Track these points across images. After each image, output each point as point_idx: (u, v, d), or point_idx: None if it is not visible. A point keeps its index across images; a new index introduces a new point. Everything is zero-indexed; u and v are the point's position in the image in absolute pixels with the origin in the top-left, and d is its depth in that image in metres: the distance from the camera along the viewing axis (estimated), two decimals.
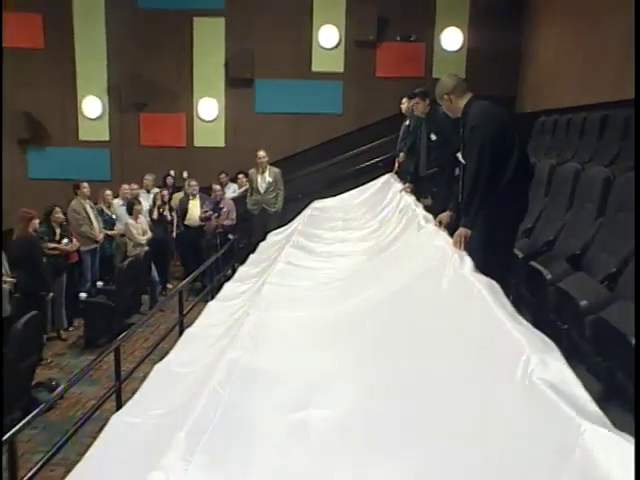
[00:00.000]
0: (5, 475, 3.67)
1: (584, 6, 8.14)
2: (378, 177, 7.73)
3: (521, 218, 4.23)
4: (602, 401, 2.09)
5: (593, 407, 1.93)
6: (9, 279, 6.65)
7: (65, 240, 8.31)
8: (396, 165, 7.71)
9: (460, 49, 11.59)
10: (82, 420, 4.82)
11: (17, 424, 3.68)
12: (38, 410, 4.02)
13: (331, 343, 3.46)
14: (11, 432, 3.58)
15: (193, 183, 10.30)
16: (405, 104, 7.81)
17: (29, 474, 3.94)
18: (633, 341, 2.94)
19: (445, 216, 4.44)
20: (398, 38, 11.65)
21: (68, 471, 5.12)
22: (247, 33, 11.74)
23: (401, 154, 7.42)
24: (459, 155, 4.10)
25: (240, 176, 10.68)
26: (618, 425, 1.78)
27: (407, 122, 7.57)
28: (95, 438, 5.55)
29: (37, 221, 7.63)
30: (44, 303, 7.51)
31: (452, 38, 11.59)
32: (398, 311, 3.46)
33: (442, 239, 3.98)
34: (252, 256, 6.82)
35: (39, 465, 4.08)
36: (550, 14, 9.70)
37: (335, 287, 4.44)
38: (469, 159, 3.90)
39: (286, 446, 2.55)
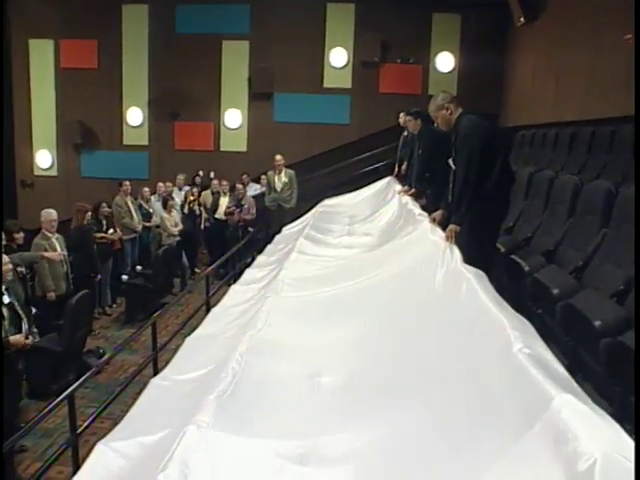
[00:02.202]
0: (67, 423, 3.77)
1: (555, 36, 8.14)
2: (380, 179, 7.72)
3: (503, 217, 4.25)
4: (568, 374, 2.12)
5: (565, 375, 1.97)
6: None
7: (111, 230, 8.39)
8: (396, 169, 7.72)
9: (452, 71, 11.55)
10: (125, 383, 4.89)
11: (73, 383, 3.76)
12: (89, 373, 4.10)
13: (338, 318, 3.49)
14: (70, 389, 3.67)
15: (225, 183, 10.32)
16: (402, 118, 7.82)
17: (85, 424, 4.05)
18: (596, 324, 2.98)
19: (438, 214, 4.45)
20: (399, 60, 11.62)
21: (115, 424, 5.23)
22: (268, 54, 11.74)
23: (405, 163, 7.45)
24: (450, 161, 4.11)
25: (262, 177, 10.70)
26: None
27: (405, 133, 7.59)
28: (136, 399, 5.66)
29: (90, 214, 7.71)
30: (93, 283, 7.60)
31: (445, 61, 11.56)
32: (397, 291, 3.49)
33: (436, 234, 4.01)
34: (269, 246, 6.83)
35: (92, 418, 4.18)
36: (527, 43, 9.68)
37: (342, 272, 4.46)
38: (459, 165, 3.92)
39: (302, 404, 2.59)
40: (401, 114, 7.85)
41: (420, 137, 6.17)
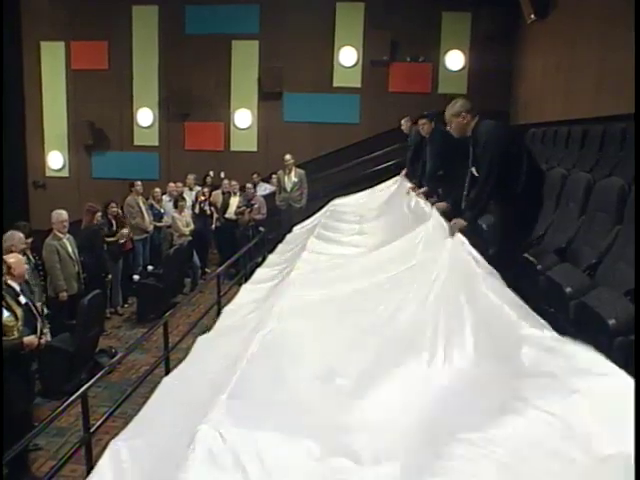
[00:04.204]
0: (80, 422, 3.79)
1: (566, 33, 8.09)
2: (390, 178, 7.69)
3: (536, 218, 4.20)
4: None
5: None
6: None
7: (125, 230, 8.40)
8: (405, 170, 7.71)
9: (462, 69, 11.52)
10: (137, 382, 4.91)
11: (85, 383, 3.78)
12: (102, 372, 4.12)
13: (350, 317, 3.48)
14: (83, 389, 3.70)
15: (234, 183, 10.34)
16: (404, 125, 7.85)
17: (98, 423, 4.07)
18: (610, 322, 2.96)
19: (442, 205, 4.56)
20: (408, 59, 11.60)
21: (127, 423, 5.25)
22: (277, 54, 11.77)
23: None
24: (473, 170, 4.10)
25: (273, 176, 10.72)
26: None
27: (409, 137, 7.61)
28: (147, 398, 5.68)
29: (100, 214, 7.75)
30: (105, 283, 7.64)
31: (455, 59, 11.53)
32: (408, 288, 3.48)
33: (445, 231, 4.01)
34: (280, 246, 6.82)
35: (105, 417, 4.20)
36: (538, 41, 9.63)
37: (354, 270, 4.45)
38: (480, 170, 3.92)
39: (314, 404, 2.58)
40: (403, 120, 7.88)
41: (432, 138, 6.16)
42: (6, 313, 4.24)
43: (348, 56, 11.78)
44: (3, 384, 4.10)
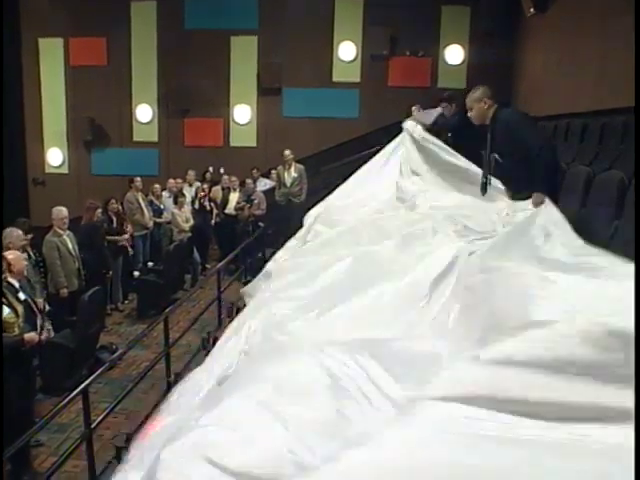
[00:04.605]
0: (80, 418, 3.80)
1: (566, 26, 8.07)
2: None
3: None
4: None
5: None
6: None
7: (129, 227, 8.43)
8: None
9: (461, 63, 11.50)
10: (137, 378, 4.93)
11: (86, 379, 3.80)
12: (102, 368, 4.13)
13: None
14: (84, 384, 3.71)
15: (234, 179, 10.33)
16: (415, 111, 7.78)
17: (99, 419, 4.10)
18: None
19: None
20: (408, 53, 11.58)
21: (127, 418, 5.29)
22: (276, 49, 11.74)
23: None
24: (495, 155, 4.12)
25: (272, 172, 10.70)
26: None
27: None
28: (148, 394, 5.71)
29: (100, 210, 7.74)
30: (105, 280, 7.65)
31: (455, 54, 11.51)
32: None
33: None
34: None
35: (106, 413, 4.22)
36: (538, 34, 9.61)
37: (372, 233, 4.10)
38: (526, 149, 3.87)
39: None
40: (413, 107, 7.81)
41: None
42: (6, 310, 4.25)
43: (347, 51, 11.75)
44: (4, 381, 4.11)
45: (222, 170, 11.40)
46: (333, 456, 1.71)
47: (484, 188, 4.31)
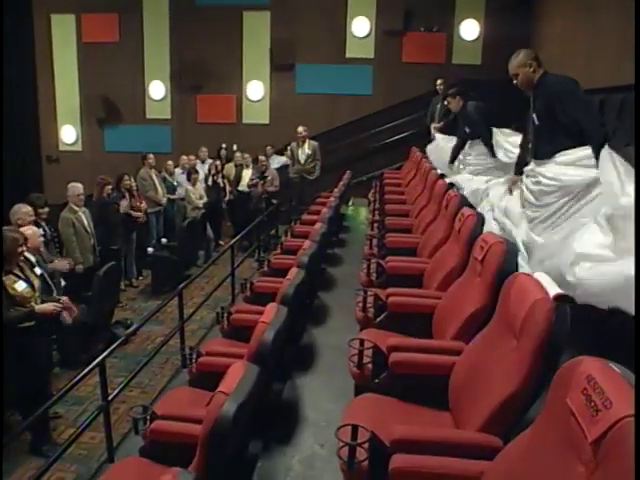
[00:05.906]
0: (97, 391, 3.86)
1: (583, 2, 7.90)
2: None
3: None
4: None
5: None
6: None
7: (143, 204, 8.48)
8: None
9: (477, 38, 11.30)
10: (152, 353, 4.98)
11: (101, 354, 3.85)
12: (118, 342, 4.18)
13: None
14: (100, 358, 3.76)
15: (247, 155, 10.33)
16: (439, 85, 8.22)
17: (114, 392, 4.16)
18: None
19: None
20: (422, 28, 11.40)
21: (142, 392, 5.38)
22: (289, 24, 11.61)
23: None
24: (534, 116, 3.88)
25: (288, 148, 10.65)
26: None
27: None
28: (162, 368, 5.80)
29: (110, 186, 7.74)
30: (119, 256, 7.70)
31: (470, 29, 11.30)
32: None
33: None
34: None
35: (121, 386, 4.28)
36: (555, 8, 9.41)
37: None
38: (583, 120, 3.72)
39: None
40: (438, 80, 7.99)
41: (462, 116, 5.87)
42: (23, 284, 4.29)
43: (361, 26, 11.59)
44: (24, 353, 4.18)
45: (235, 147, 11.39)
46: None
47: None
